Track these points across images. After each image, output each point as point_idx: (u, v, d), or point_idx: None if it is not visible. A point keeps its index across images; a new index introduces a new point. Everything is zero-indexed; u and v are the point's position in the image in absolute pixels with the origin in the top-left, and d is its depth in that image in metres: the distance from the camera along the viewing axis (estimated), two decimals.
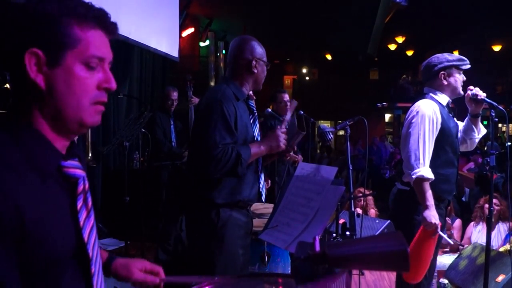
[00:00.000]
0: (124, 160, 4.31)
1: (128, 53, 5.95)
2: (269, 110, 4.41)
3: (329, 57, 18.05)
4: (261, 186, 2.35)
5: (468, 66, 2.76)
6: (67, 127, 0.96)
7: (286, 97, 4.66)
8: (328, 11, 9.54)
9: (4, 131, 0.91)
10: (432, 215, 2.49)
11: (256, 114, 2.37)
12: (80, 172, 0.97)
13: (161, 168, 5.03)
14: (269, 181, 3.97)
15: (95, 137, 5.13)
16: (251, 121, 2.31)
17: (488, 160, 2.81)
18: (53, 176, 0.93)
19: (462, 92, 2.76)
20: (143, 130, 4.45)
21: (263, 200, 2.47)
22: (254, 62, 2.25)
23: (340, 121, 2.60)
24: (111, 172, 5.56)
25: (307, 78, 22.04)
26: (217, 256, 2.13)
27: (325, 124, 2.77)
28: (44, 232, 0.89)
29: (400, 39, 14.54)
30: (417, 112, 2.64)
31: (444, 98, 2.73)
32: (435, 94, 2.74)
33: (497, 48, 15.24)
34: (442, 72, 2.72)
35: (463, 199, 6.97)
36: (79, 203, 0.97)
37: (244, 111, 2.24)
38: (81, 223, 0.96)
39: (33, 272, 0.89)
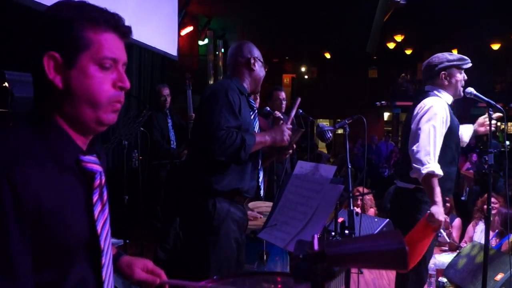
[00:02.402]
0: (123, 159, 4.31)
1: (126, 51, 5.93)
2: (268, 108, 4.40)
3: (328, 55, 18.07)
4: (260, 181, 2.39)
5: (469, 65, 2.76)
6: (85, 125, 1.03)
7: (282, 95, 4.56)
8: (327, 10, 9.54)
9: (29, 124, 0.98)
10: (440, 211, 2.48)
11: (256, 111, 2.44)
12: (97, 167, 1.04)
13: (160, 167, 5.03)
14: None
15: (93, 136, 5.11)
16: (252, 117, 2.38)
17: (487, 159, 2.81)
18: (72, 169, 1.00)
19: (462, 94, 2.77)
20: (142, 128, 4.44)
21: (262, 196, 2.49)
22: (252, 60, 2.37)
23: (339, 120, 2.62)
24: (110, 171, 5.53)
25: (306, 76, 22.05)
26: (212, 249, 2.17)
27: (324, 123, 2.79)
28: (60, 220, 0.94)
29: (399, 38, 14.55)
30: (428, 109, 2.63)
31: (448, 97, 2.74)
32: (440, 92, 2.74)
33: (495, 46, 15.27)
34: (443, 72, 2.72)
35: (463, 197, 6.98)
36: (95, 197, 1.03)
37: (246, 106, 2.31)
38: (96, 215, 1.03)
39: (46, 258, 0.95)
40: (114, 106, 1.03)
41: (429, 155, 2.54)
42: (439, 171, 2.53)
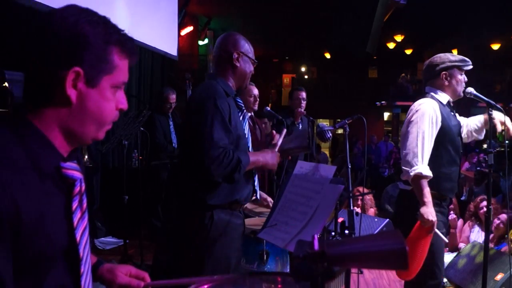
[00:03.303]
0: (123, 159, 4.31)
1: None
2: (268, 108, 4.41)
3: (328, 55, 18.07)
4: (255, 185, 2.32)
5: (470, 67, 2.77)
6: (81, 140, 1.02)
7: (303, 95, 4.71)
8: (327, 10, 9.53)
9: (9, 129, 0.94)
10: (430, 211, 2.50)
11: (244, 111, 2.31)
12: (78, 174, 1.00)
13: (160, 167, 5.03)
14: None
15: None
16: (240, 118, 2.25)
17: (486, 159, 2.82)
18: (52, 176, 0.96)
19: (462, 94, 2.78)
20: (142, 128, 4.45)
21: (258, 198, 2.43)
22: (235, 55, 2.21)
23: (339, 120, 2.61)
24: (110, 171, 5.56)
25: (306, 76, 22.04)
26: (206, 260, 2.09)
27: (324, 123, 2.78)
28: (39, 229, 0.91)
29: (399, 38, 14.56)
30: (417, 111, 2.65)
31: (444, 97, 2.75)
32: (436, 93, 2.75)
33: (495, 46, 15.28)
34: (444, 72, 2.73)
35: (463, 198, 6.99)
36: (75, 204, 1.00)
37: (234, 108, 2.19)
38: (75, 223, 1.00)
39: (24, 268, 0.91)
40: (110, 126, 1.06)
41: (416, 157, 2.56)
42: (427, 173, 2.54)
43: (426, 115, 2.61)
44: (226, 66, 2.23)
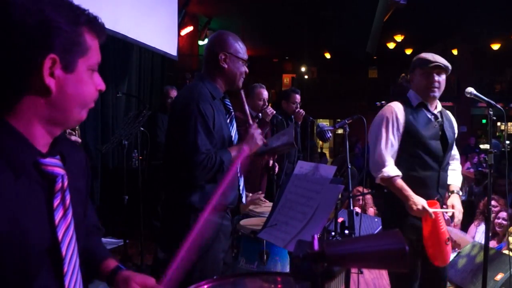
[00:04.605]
0: (123, 159, 4.31)
1: (127, 51, 5.94)
2: (280, 117, 4.43)
3: (328, 55, 18.06)
4: (241, 189, 2.31)
5: (433, 65, 2.60)
6: (66, 125, 1.01)
7: (298, 98, 4.74)
8: (327, 10, 9.54)
9: None
10: (413, 202, 2.50)
11: (233, 113, 2.27)
12: (59, 170, 0.97)
13: (160, 167, 5.03)
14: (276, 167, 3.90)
15: (94, 136, 5.13)
16: (228, 121, 2.22)
17: (487, 159, 2.82)
18: (29, 173, 0.93)
19: (436, 94, 2.64)
20: (142, 128, 4.45)
21: (244, 202, 2.42)
22: (222, 56, 2.14)
23: (339, 120, 2.61)
24: (110, 171, 5.56)
25: (306, 76, 22.03)
26: (194, 262, 2.06)
27: (324, 123, 2.78)
28: (17, 230, 0.88)
29: (399, 38, 14.56)
30: (379, 115, 2.69)
31: (414, 98, 2.69)
32: (409, 94, 2.75)
33: (495, 46, 15.27)
34: (410, 74, 2.77)
35: (462, 198, 6.98)
36: (56, 201, 0.97)
37: (220, 111, 2.16)
38: (56, 221, 0.96)
39: (6, 270, 0.89)
40: (91, 105, 1.04)
41: (380, 159, 2.59)
42: (394, 173, 2.56)
43: (384, 118, 2.64)
44: (213, 68, 2.18)
